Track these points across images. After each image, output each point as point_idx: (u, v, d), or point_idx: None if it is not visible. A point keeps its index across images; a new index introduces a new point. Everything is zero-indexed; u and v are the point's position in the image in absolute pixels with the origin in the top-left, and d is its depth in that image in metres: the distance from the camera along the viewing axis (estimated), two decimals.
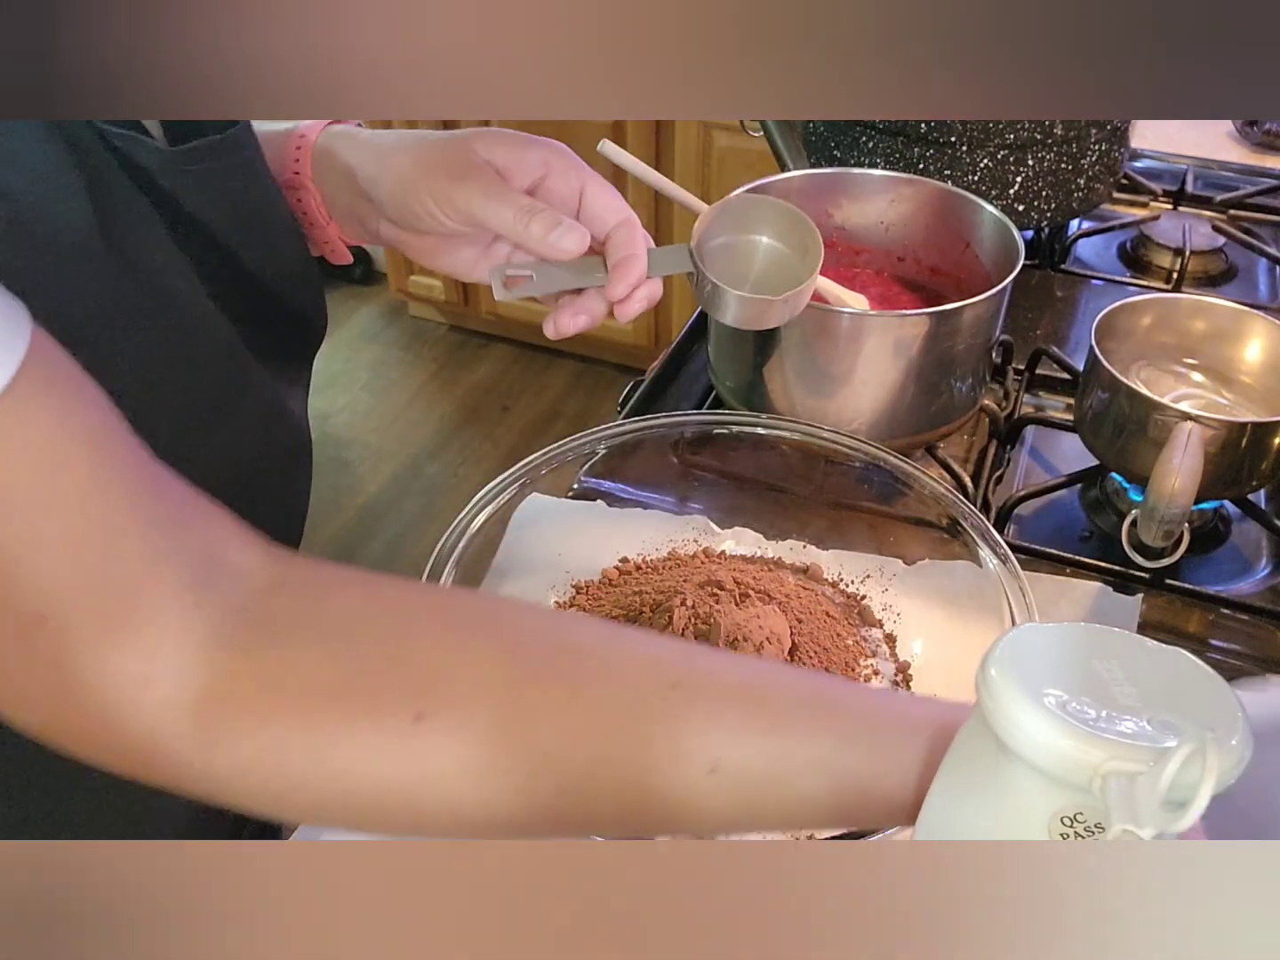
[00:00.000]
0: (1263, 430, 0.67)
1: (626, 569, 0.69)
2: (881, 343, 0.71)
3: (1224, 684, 0.32)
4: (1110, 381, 0.70)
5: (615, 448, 0.70)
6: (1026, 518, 0.78)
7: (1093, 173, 0.98)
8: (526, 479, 0.66)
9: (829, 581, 0.70)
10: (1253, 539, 0.76)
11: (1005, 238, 0.78)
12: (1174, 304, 0.78)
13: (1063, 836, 0.30)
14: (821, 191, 0.86)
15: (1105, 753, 0.29)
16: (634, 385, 0.90)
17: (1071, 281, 1.05)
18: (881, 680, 0.63)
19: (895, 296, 0.86)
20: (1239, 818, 0.34)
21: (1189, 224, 1.07)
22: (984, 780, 0.32)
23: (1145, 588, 0.71)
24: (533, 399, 2.43)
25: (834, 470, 0.71)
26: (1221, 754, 0.28)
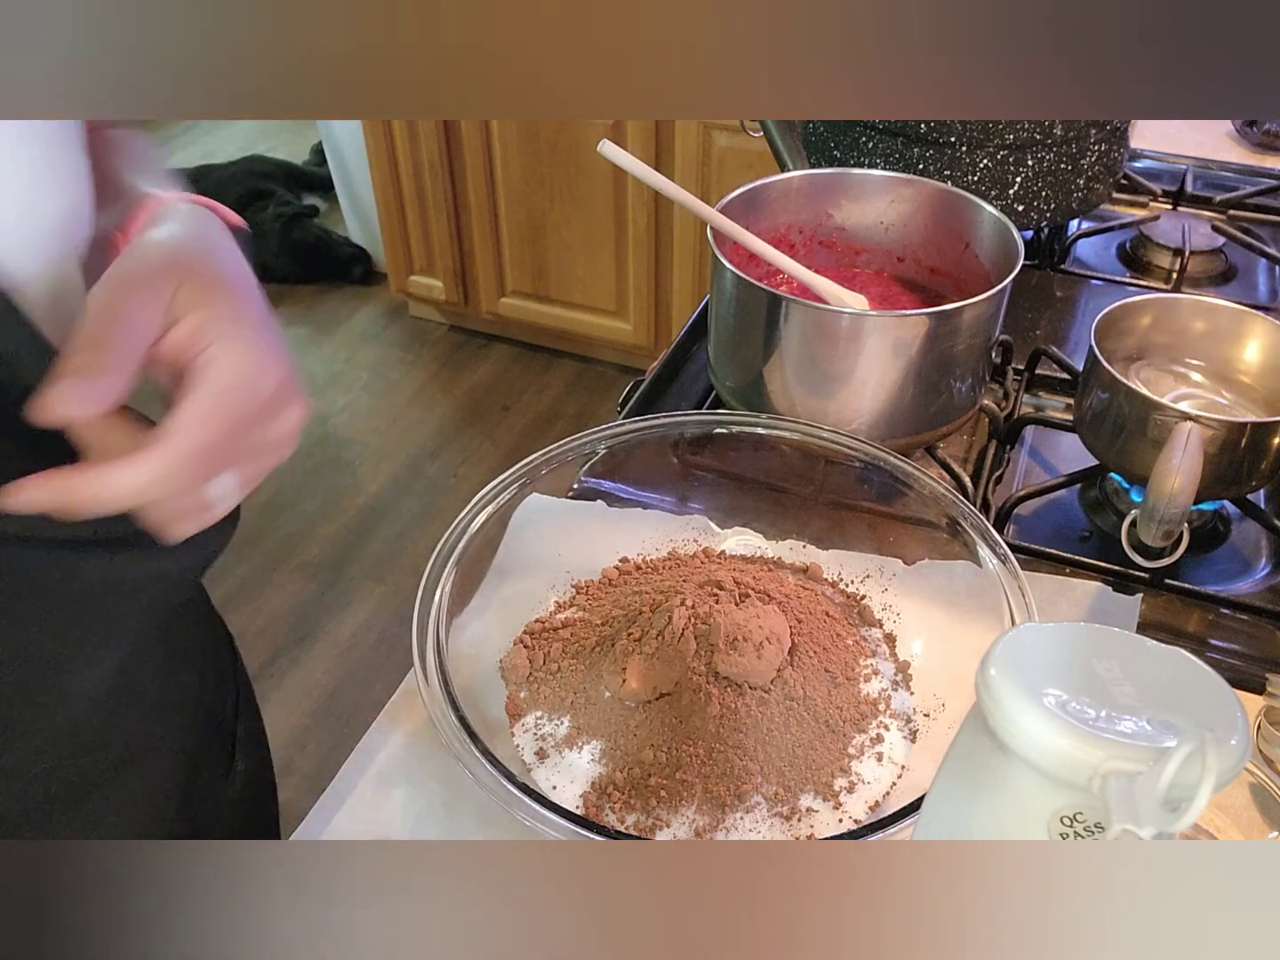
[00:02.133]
0: (1262, 430, 0.67)
1: (626, 569, 0.69)
2: (881, 343, 0.71)
3: (1224, 684, 0.32)
4: (1110, 381, 0.70)
5: (615, 448, 0.70)
6: (1026, 518, 0.78)
7: (1092, 173, 0.98)
8: (526, 479, 0.66)
9: (829, 581, 0.70)
10: (1252, 539, 0.76)
11: (1005, 238, 0.78)
12: (1174, 304, 0.78)
13: (1062, 836, 0.30)
14: (821, 191, 0.86)
15: (1105, 752, 0.29)
16: (634, 385, 0.90)
17: (1071, 281, 1.05)
18: (881, 680, 0.63)
19: (895, 296, 0.86)
20: None
21: (1189, 224, 1.07)
22: (984, 780, 0.32)
23: (1145, 588, 0.71)
24: (533, 399, 2.43)
25: (834, 470, 0.71)
26: (1221, 754, 0.28)
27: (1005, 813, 0.31)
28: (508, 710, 0.60)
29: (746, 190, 0.82)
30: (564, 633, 0.64)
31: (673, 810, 0.55)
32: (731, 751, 0.56)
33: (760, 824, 0.54)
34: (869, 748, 0.59)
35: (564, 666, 0.62)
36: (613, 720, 0.58)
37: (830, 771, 0.57)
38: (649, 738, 0.57)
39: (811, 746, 0.57)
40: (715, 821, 0.54)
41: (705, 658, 0.59)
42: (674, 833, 0.54)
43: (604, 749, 0.58)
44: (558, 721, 0.59)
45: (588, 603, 0.67)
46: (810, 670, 0.61)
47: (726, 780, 0.55)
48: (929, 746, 0.59)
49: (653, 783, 0.55)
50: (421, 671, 0.55)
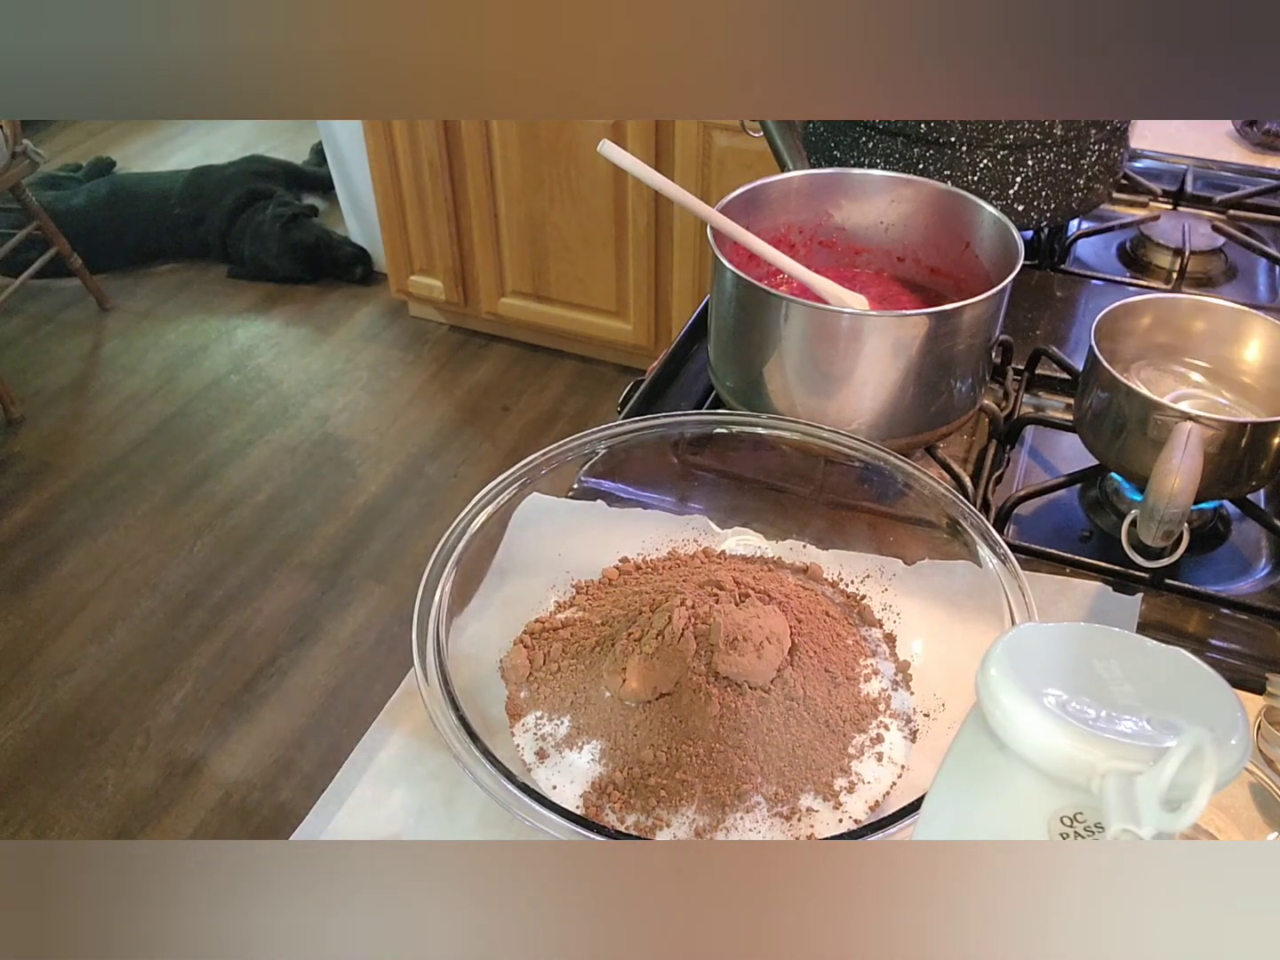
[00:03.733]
0: (1262, 430, 0.67)
1: (626, 569, 0.69)
2: (881, 343, 0.71)
3: (1224, 684, 0.32)
4: (1110, 381, 0.70)
5: (615, 448, 0.70)
6: (1026, 518, 0.78)
7: (1092, 173, 0.98)
8: (526, 479, 0.66)
9: (829, 581, 0.70)
10: (1252, 539, 0.76)
11: (1005, 238, 0.78)
12: (1174, 304, 0.78)
13: (1063, 836, 0.30)
14: (821, 191, 0.86)
15: (1105, 752, 0.29)
16: (634, 385, 0.90)
17: (1071, 281, 1.05)
18: (881, 680, 0.63)
19: (895, 296, 0.86)
20: None
21: (1189, 224, 1.07)
22: (984, 780, 0.32)
23: (1145, 588, 0.71)
24: (533, 399, 2.43)
25: (834, 470, 0.71)
26: (1221, 754, 0.28)
27: (1005, 813, 0.31)
28: (508, 710, 0.60)
29: (746, 190, 0.82)
30: (564, 633, 0.64)
31: (673, 810, 0.55)
32: (731, 751, 0.56)
33: (760, 824, 0.54)
34: (869, 748, 0.59)
35: (564, 666, 0.62)
36: (613, 720, 0.58)
37: (830, 771, 0.57)
38: (649, 738, 0.57)
39: (811, 746, 0.57)
40: (715, 821, 0.54)
41: (705, 658, 0.59)
42: (674, 833, 0.54)
43: (604, 749, 0.58)
44: (558, 721, 0.59)
45: (588, 603, 0.67)
46: (810, 670, 0.61)
47: (726, 780, 0.55)
48: (929, 746, 0.59)
49: (653, 783, 0.55)
50: (421, 671, 0.55)
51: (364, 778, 0.58)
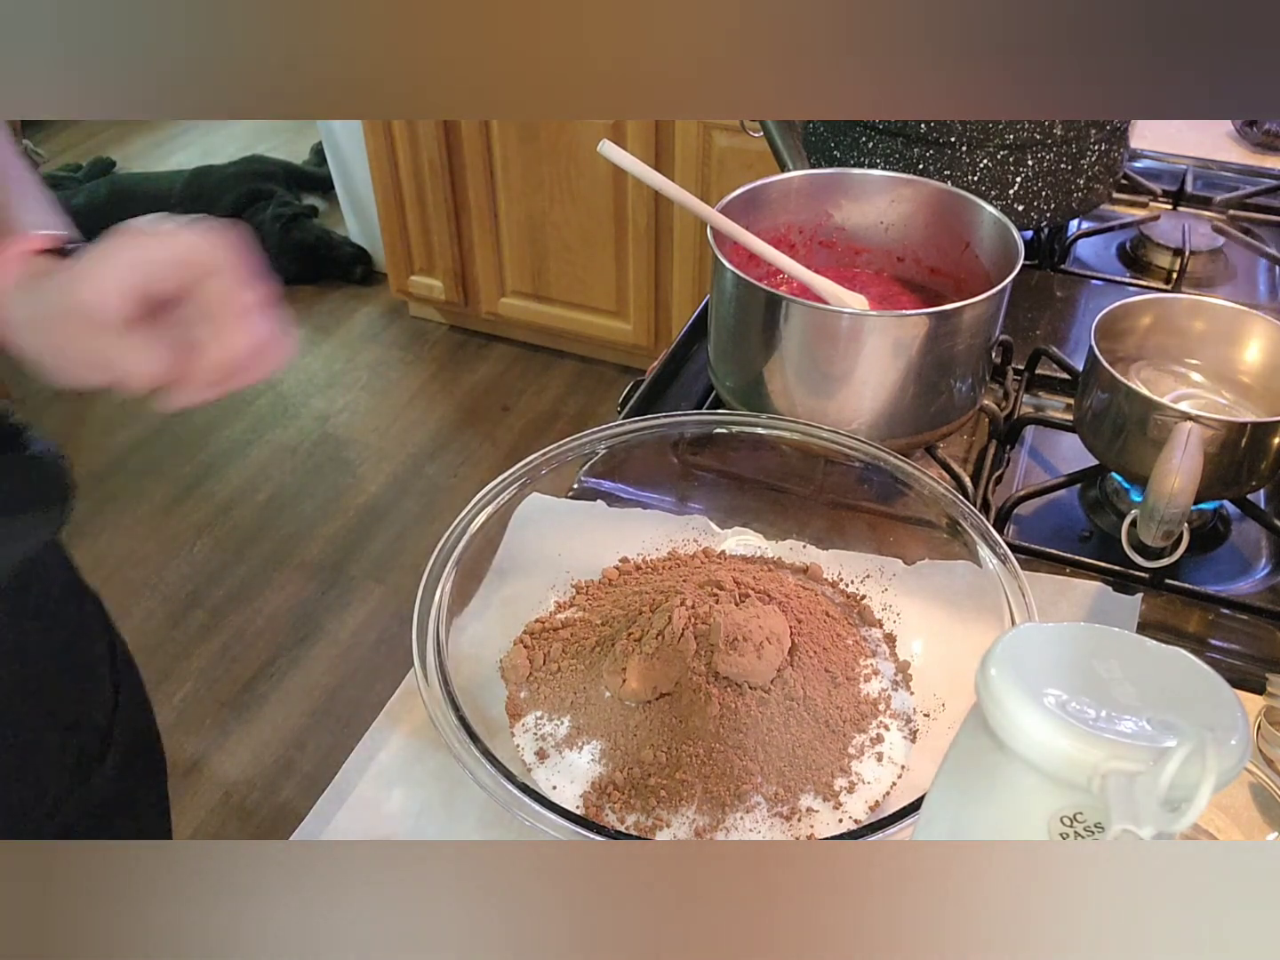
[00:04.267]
0: (1262, 430, 0.67)
1: (626, 569, 0.69)
2: (881, 343, 0.71)
3: (1224, 684, 0.32)
4: (1110, 381, 0.70)
5: (615, 448, 0.70)
6: (1026, 518, 0.78)
7: (1092, 173, 0.98)
8: (526, 479, 0.66)
9: (829, 581, 0.70)
10: (1252, 539, 0.76)
11: (1005, 238, 0.78)
12: (1174, 304, 0.78)
13: (1063, 836, 0.30)
14: (821, 191, 0.86)
15: (1105, 752, 0.29)
16: (634, 385, 0.90)
17: (1071, 281, 1.05)
18: (881, 680, 0.63)
19: (895, 296, 0.86)
20: None
21: (1188, 224, 1.07)
22: (984, 780, 0.32)
23: (1145, 588, 0.71)
24: (533, 399, 2.43)
25: (834, 470, 0.71)
26: (1221, 754, 0.28)
27: (1005, 813, 0.31)
28: (508, 710, 0.60)
29: (746, 190, 0.82)
30: (564, 633, 0.64)
31: (673, 810, 0.55)
32: (731, 751, 0.56)
33: (760, 824, 0.54)
34: (869, 748, 0.59)
35: (564, 666, 0.62)
36: (613, 720, 0.58)
37: (830, 771, 0.57)
38: (649, 738, 0.57)
39: (811, 746, 0.57)
40: (715, 821, 0.54)
41: (705, 658, 0.59)
42: (674, 833, 0.54)
43: (604, 749, 0.58)
44: (558, 721, 0.59)
45: (588, 603, 0.67)
46: (810, 670, 0.61)
47: (726, 780, 0.55)
48: (929, 746, 0.59)
49: (653, 783, 0.55)
50: (421, 671, 0.55)
51: (364, 778, 0.58)
